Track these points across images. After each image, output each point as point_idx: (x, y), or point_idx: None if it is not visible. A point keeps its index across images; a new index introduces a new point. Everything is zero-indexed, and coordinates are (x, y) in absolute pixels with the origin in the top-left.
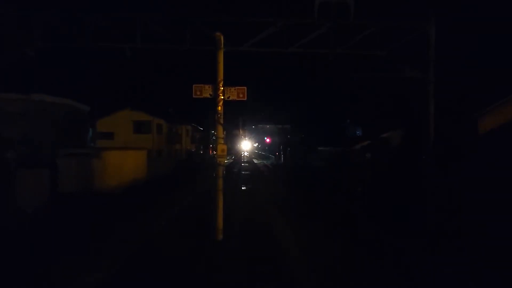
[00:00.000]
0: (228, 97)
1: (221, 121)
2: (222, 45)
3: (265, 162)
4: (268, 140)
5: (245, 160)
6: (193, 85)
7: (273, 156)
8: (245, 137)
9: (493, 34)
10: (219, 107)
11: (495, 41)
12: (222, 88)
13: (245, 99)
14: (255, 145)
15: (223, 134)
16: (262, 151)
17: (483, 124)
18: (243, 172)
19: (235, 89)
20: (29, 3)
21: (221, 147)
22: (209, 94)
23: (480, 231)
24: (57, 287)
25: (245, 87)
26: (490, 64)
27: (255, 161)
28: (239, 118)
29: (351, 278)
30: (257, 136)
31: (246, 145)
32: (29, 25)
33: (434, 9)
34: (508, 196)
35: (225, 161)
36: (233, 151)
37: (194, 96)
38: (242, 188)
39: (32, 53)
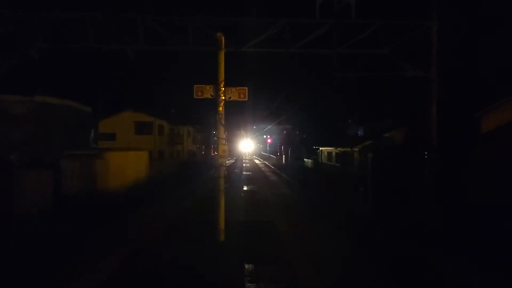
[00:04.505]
0: (229, 98)
1: (222, 121)
2: (223, 46)
3: (266, 162)
4: (269, 140)
5: (247, 160)
6: (194, 86)
7: (275, 157)
8: (246, 137)
9: (495, 33)
10: (220, 107)
11: (497, 40)
12: (223, 89)
13: (246, 99)
14: (257, 145)
15: (225, 134)
16: (263, 151)
17: (485, 123)
18: (244, 173)
19: (236, 90)
20: (33, 5)
21: (222, 147)
22: (210, 94)
23: (480, 229)
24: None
25: (246, 88)
26: (492, 63)
27: (257, 161)
28: (240, 118)
29: (352, 277)
30: (259, 136)
31: (247, 146)
32: (33, 27)
33: (436, 7)
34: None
35: (227, 162)
36: (234, 152)
37: (195, 97)
38: (244, 188)
39: (36, 55)
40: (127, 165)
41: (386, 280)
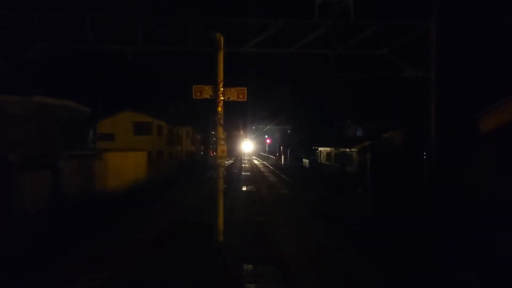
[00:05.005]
0: (228, 98)
1: (221, 122)
2: (222, 46)
3: (265, 162)
4: (268, 141)
5: (246, 161)
6: (193, 86)
7: (274, 157)
8: (245, 138)
9: (495, 33)
10: (219, 107)
11: (497, 40)
12: (222, 89)
13: (245, 99)
14: (256, 145)
15: (224, 135)
16: (262, 152)
17: (485, 123)
18: (243, 173)
19: (235, 90)
20: (33, 5)
21: (221, 148)
22: (209, 95)
23: (480, 229)
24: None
25: (245, 88)
26: (491, 63)
27: (256, 161)
28: (239, 119)
29: (351, 278)
30: (258, 137)
31: (246, 146)
32: (33, 27)
33: (435, 8)
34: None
35: (226, 162)
36: (233, 152)
37: (194, 97)
38: (243, 189)
39: (35, 55)
40: (126, 165)
41: (386, 280)
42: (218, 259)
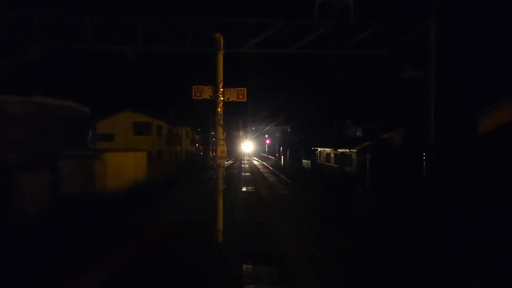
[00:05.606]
0: (228, 98)
1: (221, 122)
2: (222, 46)
3: (265, 163)
4: (268, 141)
5: (245, 161)
6: (193, 86)
7: (273, 158)
8: (245, 138)
9: (495, 33)
10: (219, 108)
11: (497, 41)
12: (221, 89)
13: (245, 100)
14: (256, 146)
15: (223, 135)
16: (262, 152)
17: (485, 123)
18: (243, 174)
19: (234, 90)
20: (33, 5)
21: (221, 148)
22: (209, 95)
23: (480, 229)
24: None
25: (245, 88)
26: (491, 63)
27: (255, 162)
28: (239, 119)
29: (351, 278)
30: (257, 137)
31: (246, 147)
32: (33, 27)
33: (435, 8)
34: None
35: (225, 163)
36: (233, 153)
37: (194, 98)
38: (243, 189)
39: (35, 56)
40: (125, 165)
41: (386, 280)
42: (218, 259)
